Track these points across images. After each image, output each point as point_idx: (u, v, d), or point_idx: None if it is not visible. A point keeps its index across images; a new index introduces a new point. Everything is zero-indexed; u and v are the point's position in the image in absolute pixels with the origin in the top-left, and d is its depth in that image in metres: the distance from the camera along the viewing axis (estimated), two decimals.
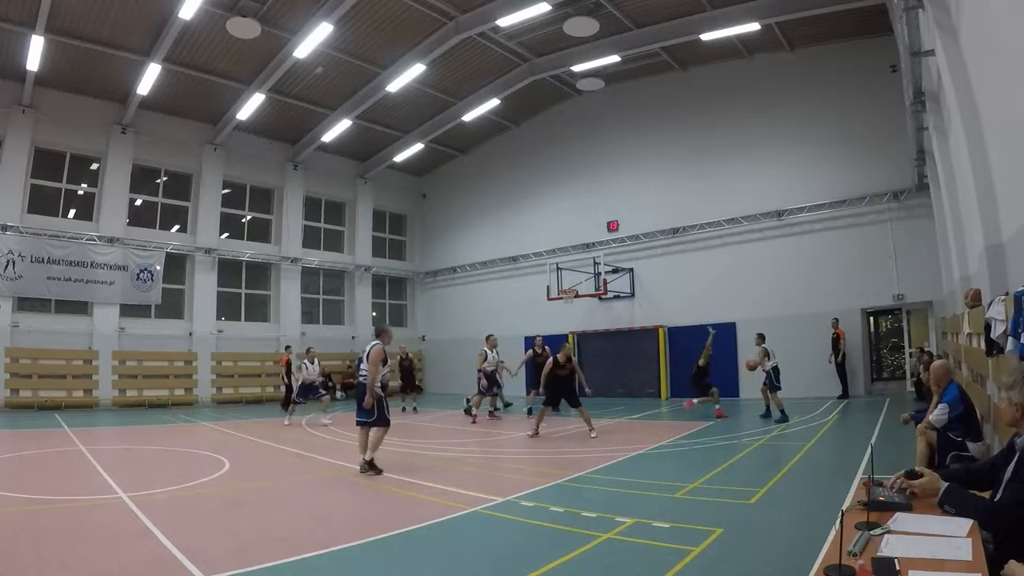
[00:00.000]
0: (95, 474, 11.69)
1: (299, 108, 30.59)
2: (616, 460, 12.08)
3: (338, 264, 35.83)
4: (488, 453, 13.26)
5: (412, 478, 10.77)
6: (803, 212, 24.56)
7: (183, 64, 26.42)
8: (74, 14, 23.04)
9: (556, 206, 32.19)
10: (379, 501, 9.55)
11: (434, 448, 14.99)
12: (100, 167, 28.94)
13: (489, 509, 8.45)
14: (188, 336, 30.18)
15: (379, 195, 37.57)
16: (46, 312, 27.39)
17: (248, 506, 9.32)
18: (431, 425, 20.29)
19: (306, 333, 33.20)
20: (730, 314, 25.76)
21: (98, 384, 27.07)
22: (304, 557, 6.59)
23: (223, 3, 22.89)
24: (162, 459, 14.19)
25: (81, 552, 6.95)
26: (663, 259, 28.28)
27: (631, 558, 6.39)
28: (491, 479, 10.83)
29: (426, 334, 37.97)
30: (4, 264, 25.87)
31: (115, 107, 28.57)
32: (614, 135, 30.03)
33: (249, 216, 33.81)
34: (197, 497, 9.91)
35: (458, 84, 29.41)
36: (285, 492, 10.41)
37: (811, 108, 24.69)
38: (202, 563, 6.27)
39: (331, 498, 9.92)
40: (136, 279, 28.84)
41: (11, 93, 26.22)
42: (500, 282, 34.61)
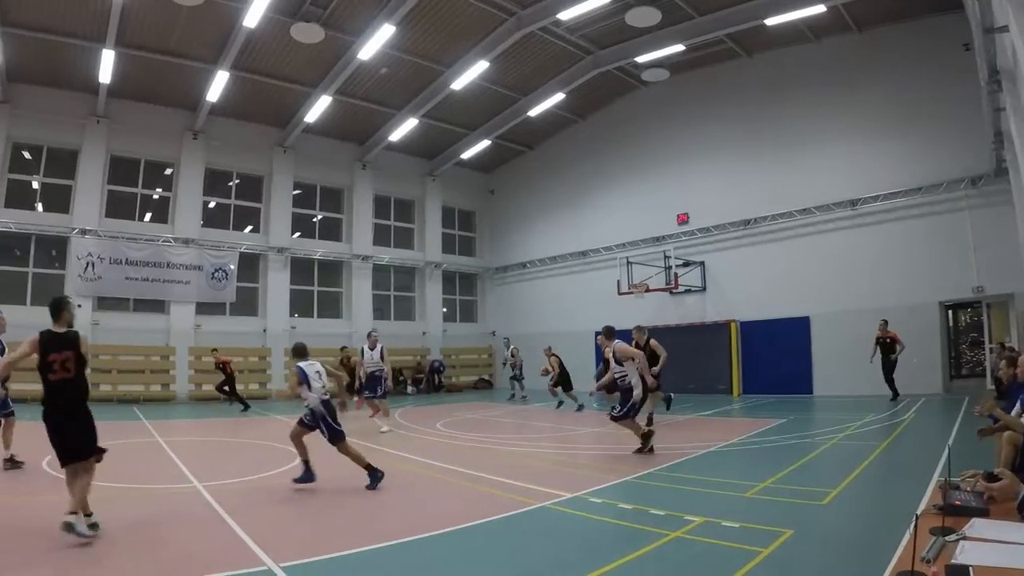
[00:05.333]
0: (171, 464, 12.04)
1: (365, 109, 30.64)
2: (687, 457, 11.74)
3: (408, 261, 35.98)
4: (558, 448, 13.04)
5: (481, 472, 10.67)
6: (877, 201, 23.43)
7: (250, 70, 26.87)
8: (142, 28, 23.74)
9: (625, 199, 31.47)
10: (447, 495, 9.48)
11: (504, 442, 14.79)
12: (174, 172, 29.67)
13: (557, 505, 8.26)
14: (262, 332, 30.58)
15: (448, 192, 37.54)
16: (125, 311, 28.19)
17: (318, 497, 9.38)
18: (502, 420, 20.08)
19: (377, 329, 32.96)
20: (803, 308, 24.86)
21: (175, 379, 27.64)
22: (370, 548, 6.57)
23: (286, 9, 23.13)
24: (236, 451, 14.52)
25: (156, 538, 7.13)
26: (735, 252, 27.39)
27: (699, 558, 6.19)
28: (560, 475, 10.63)
29: (496, 330, 37.65)
30: (84, 266, 26.74)
31: (186, 114, 29.16)
32: (681, 125, 29.26)
33: (320, 215, 34.18)
34: (269, 487, 10.09)
35: (522, 79, 29.09)
36: (354, 484, 10.18)
37: (882, 91, 23.59)
38: (272, 551, 6.35)
39: (400, 491, 9.76)
40: (211, 278, 29.39)
41: (86, 105, 27.04)
42: (570, 277, 34.05)
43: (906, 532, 5.54)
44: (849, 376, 22.00)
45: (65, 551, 6.51)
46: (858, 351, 19.45)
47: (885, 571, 5.09)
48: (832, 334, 23.43)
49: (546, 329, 32.88)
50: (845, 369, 22.36)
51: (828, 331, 23.22)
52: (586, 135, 33.63)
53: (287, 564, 5.96)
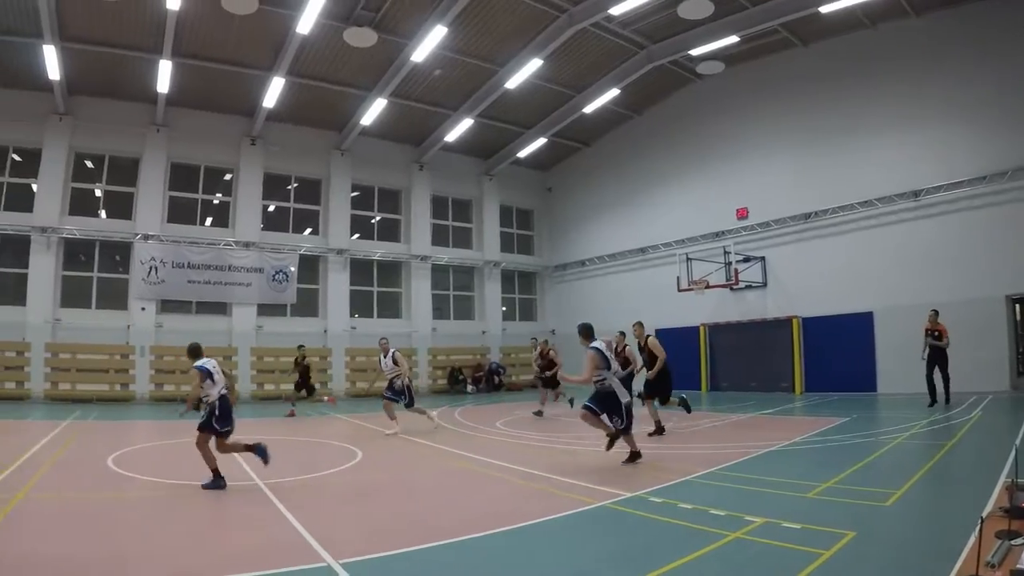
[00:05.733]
0: (233, 461, 11.97)
1: (421, 110, 30.75)
2: (748, 456, 11.56)
3: (467, 260, 36.03)
4: (618, 447, 12.44)
5: (541, 471, 10.59)
6: (940, 191, 22.59)
7: (305, 76, 27.25)
8: (197, 38, 24.39)
9: (683, 194, 30.92)
10: (507, 493, 9.45)
11: (563, 441, 14.77)
12: (233, 177, 30.38)
13: (617, 504, 8.17)
14: (323, 333, 30.88)
15: (505, 191, 37.40)
16: (187, 313, 28.98)
17: (377, 495, 9.50)
18: (562, 418, 19.78)
19: (437, 328, 33.69)
20: (866, 303, 24.15)
21: (238, 378, 27.66)
22: (430, 546, 6.59)
23: (339, 15, 23.43)
24: (297, 449, 14.63)
25: (218, 533, 7.45)
26: (796, 246, 26.74)
27: (759, 559, 6.08)
28: (620, 474, 10.44)
29: (556, 328, 37.19)
30: (148, 270, 27.55)
31: (244, 120, 29.79)
32: (738, 118, 28.71)
33: (378, 217, 34.47)
34: (329, 485, 10.32)
35: (576, 76, 28.82)
36: (413, 482, 10.50)
37: (942, 78, 22.74)
38: (332, 548, 6.39)
39: (459, 489, 9.91)
40: (272, 280, 29.91)
41: (145, 114, 27.95)
42: (629, 274, 33.62)
43: (971, 535, 5.46)
44: (914, 373, 20.99)
45: (132, 545, 6.75)
46: (923, 347, 18.89)
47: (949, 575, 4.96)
48: (896, 329, 22.78)
49: (606, 327, 31.83)
50: (910, 366, 21.27)
51: (892, 326, 22.64)
52: (642, 130, 33.18)
53: (346, 561, 5.98)
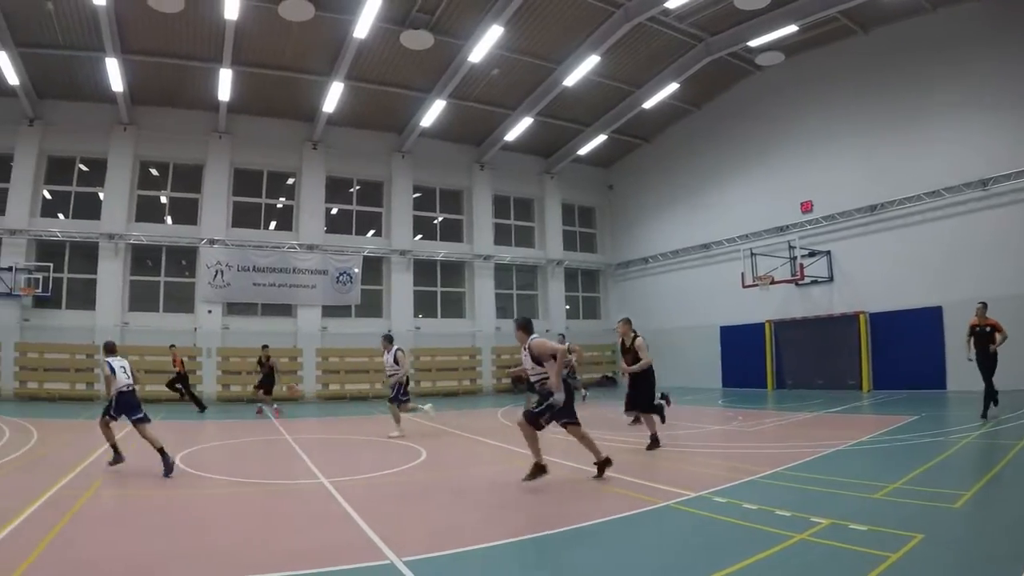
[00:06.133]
0: (299, 460, 12.50)
1: (480, 110, 30.88)
2: (814, 456, 11.27)
3: (530, 259, 36.00)
4: (683, 447, 12.70)
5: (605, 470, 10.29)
6: (1010, 179, 21.66)
7: (364, 79, 27.61)
8: (255, 46, 25.02)
9: (746, 189, 30.38)
10: (570, 493, 9.32)
11: (628, 440, 14.26)
12: (296, 181, 30.99)
13: (681, 504, 8.04)
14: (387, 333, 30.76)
15: (566, 189, 37.26)
16: (253, 315, 29.61)
17: (441, 494, 9.52)
18: (626, 417, 19.55)
19: (500, 328, 33.58)
20: (935, 297, 23.32)
21: (302, 379, 28.48)
22: (493, 545, 6.60)
23: (395, 18, 23.74)
24: (362, 448, 14.81)
25: (282, 531, 7.45)
26: (862, 239, 26.00)
27: (825, 561, 5.93)
28: (684, 473, 10.46)
29: None
30: (213, 274, 28.28)
31: (304, 125, 30.40)
32: (800, 108, 28.10)
33: (441, 217, 34.71)
34: (393, 484, 10.28)
35: (634, 72, 28.53)
36: (478, 481, 10.47)
37: (1009, 61, 21.83)
38: (395, 546, 6.40)
39: (519, 488, 9.63)
40: (336, 282, 30.36)
41: (208, 122, 28.80)
42: (693, 271, 33.02)
43: None
44: None
45: (197, 542, 6.91)
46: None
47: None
48: (966, 324, 22.01)
49: (670, 324, 32.57)
50: None
51: (961, 321, 21.72)
52: (703, 125, 32.71)
53: (409, 559, 6.01)
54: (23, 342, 26.15)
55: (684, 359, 31.71)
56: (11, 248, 26.38)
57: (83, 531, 7.29)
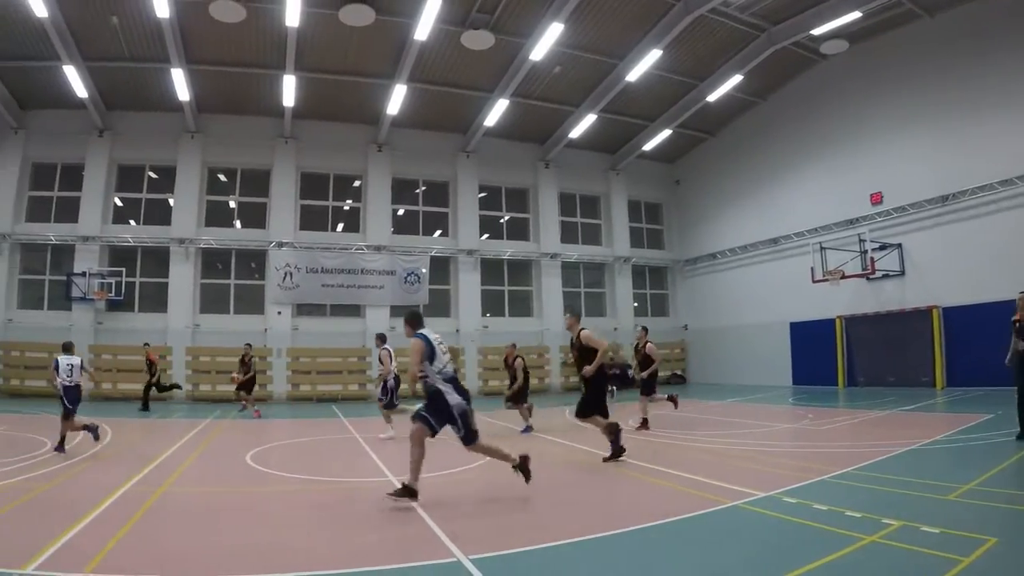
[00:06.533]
0: (367, 458, 12.87)
1: (543, 108, 31.30)
2: (886, 456, 11.19)
3: (597, 257, 36.25)
4: (754, 446, 12.79)
5: (671, 469, 10.53)
6: None
7: (426, 81, 28.36)
8: (317, 51, 26.03)
9: (814, 181, 30.06)
10: (637, 492, 9.47)
11: (698, 439, 14.46)
12: (362, 183, 31.93)
13: (749, 504, 8.05)
14: (455, 332, 31.70)
15: (632, 185, 37.36)
16: (322, 316, 30.65)
17: (505, 492, 9.48)
18: (697, 416, 19.68)
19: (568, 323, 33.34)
20: (1013, 289, 22.34)
21: (371, 378, 28.87)
22: (557, 544, 6.64)
23: (454, 19, 24.35)
24: (430, 445, 14.50)
25: (350, 527, 7.69)
26: (934, 231, 25.47)
27: (895, 564, 5.87)
28: (753, 473, 10.30)
29: (688, 323, 37.35)
30: (283, 276, 29.42)
31: (369, 128, 31.32)
32: (866, 97, 27.69)
33: (507, 216, 35.27)
34: (459, 482, 10.46)
35: (697, 65, 28.56)
36: (541, 480, 10.11)
37: None
38: (461, 543, 6.55)
39: (588, 487, 9.97)
40: (404, 282, 31.23)
41: (274, 127, 30.04)
42: (761, 266, 32.83)
43: None
44: None
45: (266, 537, 7.24)
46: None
47: None
48: None
49: (739, 321, 32.75)
50: None
51: None
52: (768, 116, 32.51)
53: (475, 557, 6.12)
54: (97, 344, 27.57)
55: (753, 356, 31.82)
56: (85, 254, 28.06)
57: (156, 525, 7.70)
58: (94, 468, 11.59)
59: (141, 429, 18.03)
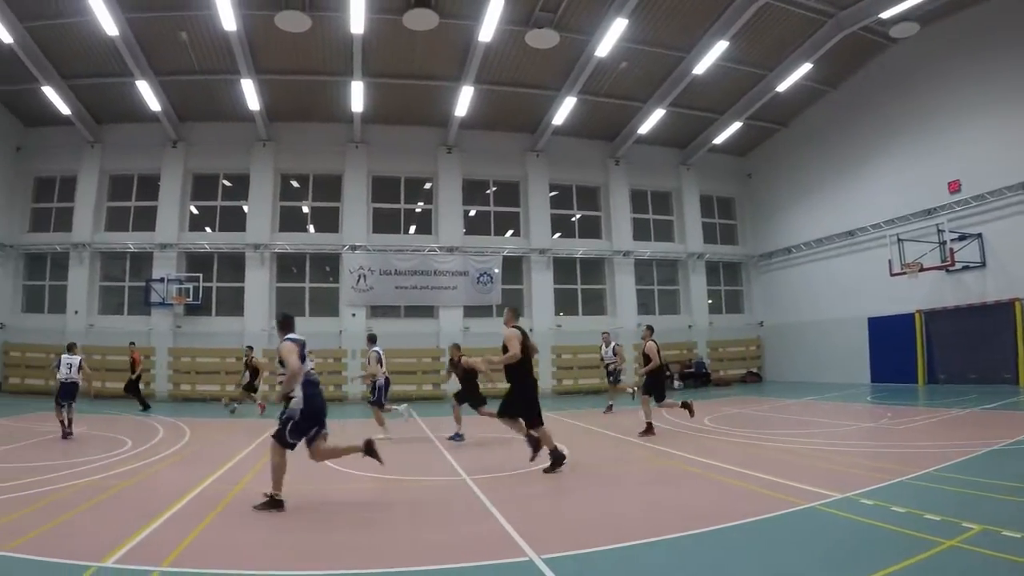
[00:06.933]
0: (441, 458, 13.22)
1: (611, 105, 31.71)
2: (967, 456, 10.99)
3: (670, 254, 36.47)
4: (831, 446, 12.74)
5: (749, 470, 10.46)
6: None
7: (493, 82, 29.15)
8: (384, 57, 27.13)
9: (889, 170, 29.35)
10: (711, 492, 9.45)
11: (774, 439, 14.46)
12: (433, 185, 32.91)
13: (825, 505, 8.01)
14: (529, 332, 31.48)
15: (704, 180, 37.37)
16: (396, 317, 31.66)
17: (579, 492, 9.77)
18: (772, 415, 19.85)
19: (642, 324, 33.41)
20: None
21: (445, 378, 29.55)
22: (632, 544, 6.75)
23: (518, 19, 24.99)
24: (502, 446, 14.94)
25: (424, 526, 8.02)
26: (1016, 219, 24.57)
27: (975, 570, 5.79)
28: (829, 473, 10.21)
29: (764, 319, 37.24)
30: (356, 278, 30.58)
31: (438, 131, 32.26)
32: (940, 81, 27.06)
33: (578, 215, 35.69)
34: (535, 481, 10.59)
35: (765, 55, 28.40)
36: (619, 480, 10.76)
37: None
38: (535, 542, 6.74)
39: (661, 486, 10.12)
40: (476, 282, 32.05)
41: (344, 133, 31.37)
42: (837, 260, 32.34)
43: None
44: None
45: (341, 536, 7.52)
46: None
47: None
48: None
49: (816, 317, 32.59)
50: None
51: None
52: (840, 105, 31.96)
53: (548, 556, 6.28)
54: (176, 347, 29.19)
55: (831, 353, 31.58)
56: (162, 261, 29.83)
57: (232, 522, 8.10)
58: (173, 466, 12.29)
59: (220, 429, 18.93)
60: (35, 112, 29.93)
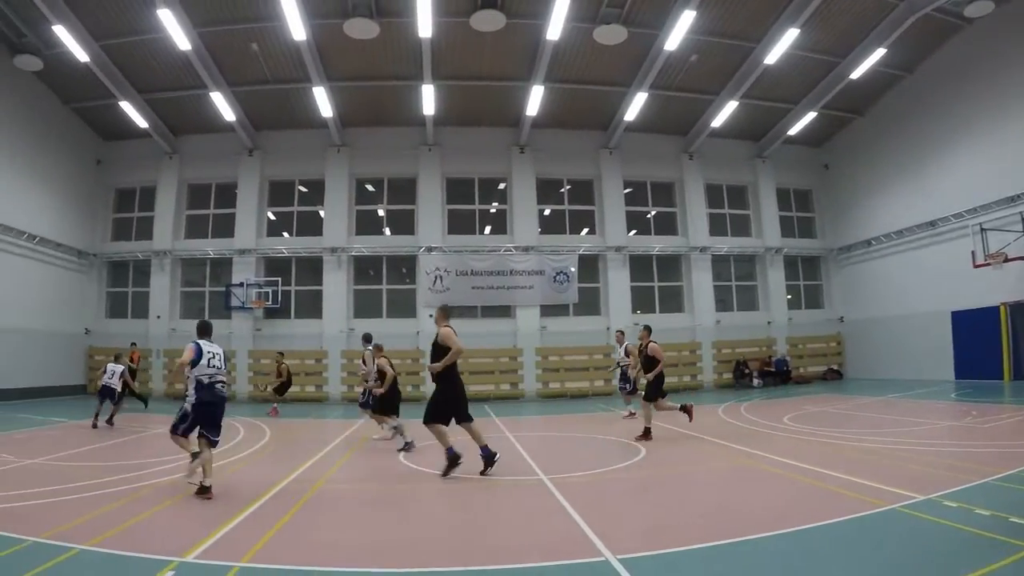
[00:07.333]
0: (519, 458, 13.32)
1: (683, 99, 32.04)
2: None
3: (748, 249, 36.43)
4: (914, 445, 12.52)
5: (830, 470, 10.39)
6: None
7: (563, 80, 29.81)
8: (453, 59, 28.15)
9: (970, 157, 28.43)
10: (790, 492, 9.48)
11: (855, 438, 14.12)
12: (506, 185, 33.77)
13: (907, 507, 7.88)
14: (606, 331, 32.73)
15: (780, 172, 37.06)
16: (473, 317, 32.34)
17: (660, 492, 10.02)
18: (853, 414, 19.57)
19: (721, 321, 34.36)
20: None
21: (523, 378, 31.08)
22: (711, 545, 6.82)
23: (585, 16, 25.52)
24: (581, 445, 15.54)
25: (501, 524, 8.36)
26: None
27: None
28: (911, 474, 10.01)
29: (844, 315, 36.67)
30: (433, 280, 31.56)
31: (510, 131, 33.19)
32: (1019, 61, 26.19)
33: (653, 211, 36.00)
34: (611, 481, 10.86)
35: (837, 41, 28.11)
36: (698, 479, 10.95)
37: None
38: (611, 543, 6.82)
39: (743, 487, 10.11)
40: (553, 281, 32.65)
41: (416, 136, 32.51)
42: (918, 252, 31.35)
43: None
44: None
45: (418, 531, 7.92)
46: None
47: None
48: None
49: (897, 311, 32.09)
50: None
51: None
52: (917, 90, 31.09)
53: (624, 556, 6.36)
54: (256, 349, 30.71)
55: (913, 349, 31.05)
56: (242, 266, 31.47)
57: (310, 520, 8.39)
58: (254, 465, 12.99)
59: (300, 429, 19.79)
60: (113, 126, 31.91)
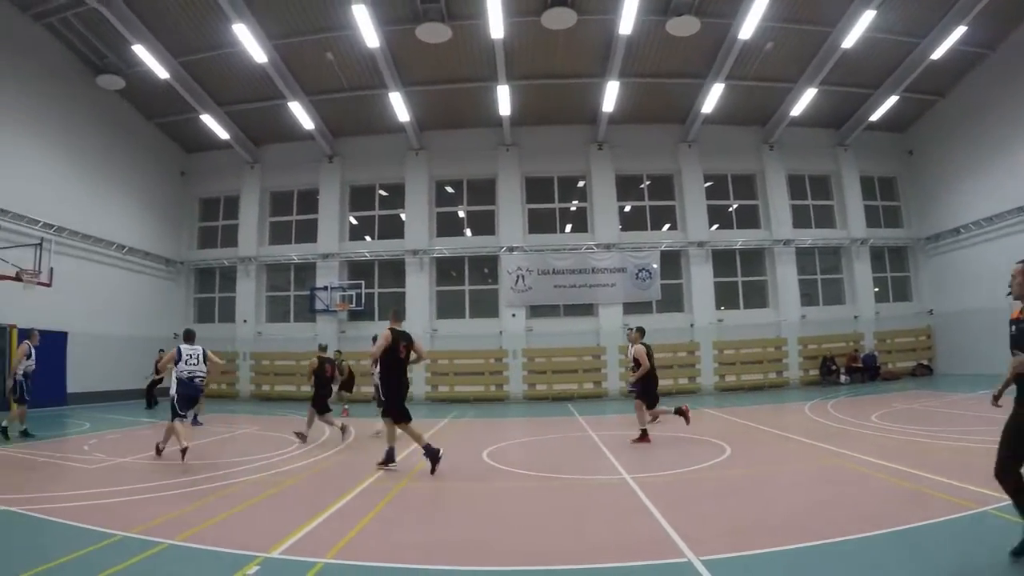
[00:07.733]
0: (602, 457, 13.65)
1: (760, 88, 32.27)
2: None
3: (832, 241, 36.15)
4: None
5: (919, 470, 10.38)
6: None
7: (638, 75, 30.31)
8: (526, 59, 28.99)
9: None
10: (879, 493, 9.45)
11: (944, 437, 14.02)
12: (586, 183, 34.51)
13: (999, 510, 7.65)
14: (689, 327, 33.31)
15: (862, 160, 36.39)
16: (555, 316, 33.26)
17: (744, 492, 10.06)
18: (943, 411, 19.21)
19: (806, 316, 34.17)
20: None
21: (606, 376, 31.75)
22: (797, 547, 6.88)
23: (657, 9, 25.99)
24: (664, 444, 15.30)
25: (582, 524, 8.46)
26: None
27: None
28: None
29: (934, 307, 35.44)
30: (515, 279, 32.46)
31: (587, 128, 33.93)
32: None
33: (735, 204, 36.15)
34: (695, 480, 10.98)
35: (914, 21, 27.48)
36: (783, 479, 10.99)
37: None
38: (694, 543, 7.00)
39: (831, 487, 10.07)
40: (635, 279, 33.24)
41: (493, 137, 33.64)
42: (1011, 238, 29.40)
43: None
44: None
45: (499, 531, 8.12)
46: None
47: None
48: None
49: (989, 303, 29.62)
50: None
51: None
52: (1001, 68, 29.85)
53: (707, 558, 6.49)
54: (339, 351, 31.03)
55: (1008, 342, 29.55)
56: (325, 270, 33.05)
57: (394, 518, 8.74)
58: (339, 464, 13.59)
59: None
60: (195, 139, 33.76)
